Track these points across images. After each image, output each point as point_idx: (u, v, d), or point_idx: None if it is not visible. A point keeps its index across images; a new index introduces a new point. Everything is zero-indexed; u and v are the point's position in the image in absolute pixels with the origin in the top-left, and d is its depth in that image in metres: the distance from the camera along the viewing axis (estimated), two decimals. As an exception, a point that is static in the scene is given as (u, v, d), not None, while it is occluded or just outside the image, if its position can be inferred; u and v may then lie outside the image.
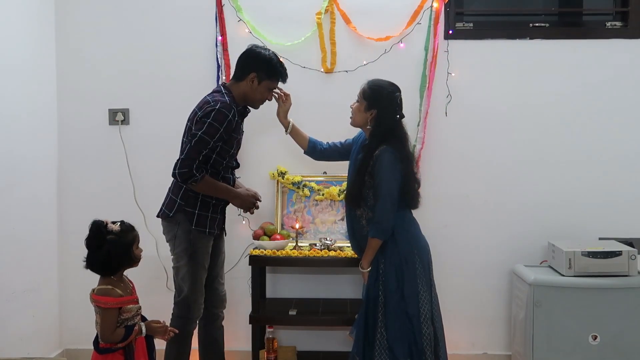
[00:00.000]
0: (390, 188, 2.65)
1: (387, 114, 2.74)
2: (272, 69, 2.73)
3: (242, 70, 2.74)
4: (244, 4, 3.41)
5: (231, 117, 2.62)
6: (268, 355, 3.26)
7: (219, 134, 2.60)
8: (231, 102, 2.68)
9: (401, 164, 2.68)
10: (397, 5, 3.38)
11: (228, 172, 2.82)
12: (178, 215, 2.72)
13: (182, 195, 2.71)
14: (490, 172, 3.43)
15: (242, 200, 2.80)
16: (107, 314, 2.21)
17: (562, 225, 3.40)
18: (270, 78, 2.75)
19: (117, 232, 2.25)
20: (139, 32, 3.46)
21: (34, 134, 3.29)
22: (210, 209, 2.76)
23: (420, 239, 2.77)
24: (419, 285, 2.68)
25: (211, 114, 2.59)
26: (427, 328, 2.66)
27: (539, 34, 3.42)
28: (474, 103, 3.41)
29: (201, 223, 2.72)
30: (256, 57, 2.74)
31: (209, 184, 2.67)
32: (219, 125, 2.59)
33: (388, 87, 2.78)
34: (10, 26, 3.08)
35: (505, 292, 3.45)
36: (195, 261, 2.74)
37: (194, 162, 2.58)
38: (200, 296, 2.80)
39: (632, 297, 3.01)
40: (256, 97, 2.77)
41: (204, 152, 2.59)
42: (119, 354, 2.24)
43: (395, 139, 2.72)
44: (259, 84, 2.73)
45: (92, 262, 2.25)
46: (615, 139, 3.40)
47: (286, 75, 2.80)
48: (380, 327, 2.67)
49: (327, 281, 3.49)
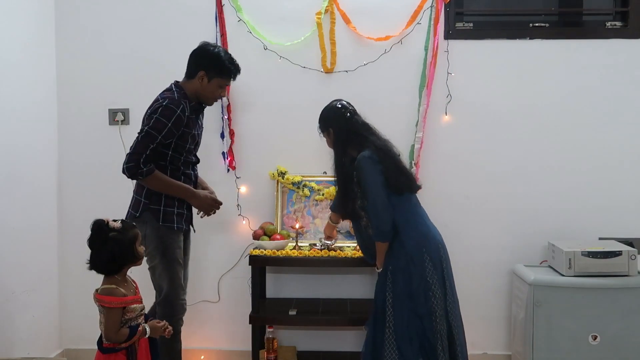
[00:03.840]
0: (375, 190, 2.66)
1: (340, 122, 2.80)
2: (220, 67, 2.74)
3: (192, 68, 2.76)
4: (244, 3, 3.41)
5: (179, 112, 2.64)
6: (268, 355, 3.26)
7: (167, 128, 2.62)
8: (180, 98, 2.70)
9: (380, 163, 2.68)
10: (397, 5, 3.38)
11: (188, 168, 2.82)
12: (145, 215, 2.72)
13: (146, 194, 2.73)
14: (490, 172, 3.43)
15: (199, 201, 2.81)
16: (111, 314, 2.21)
17: (562, 225, 3.40)
18: (220, 75, 2.75)
19: (119, 229, 2.25)
20: (139, 32, 3.46)
21: (34, 134, 3.29)
22: (175, 204, 2.76)
23: (430, 237, 2.71)
24: (429, 283, 2.64)
25: (158, 110, 2.63)
26: (440, 326, 2.62)
27: (539, 34, 3.42)
28: (474, 103, 3.41)
29: (168, 219, 2.72)
30: (205, 55, 2.75)
31: (160, 179, 2.67)
32: (166, 120, 2.62)
33: (328, 105, 2.89)
34: (10, 26, 3.08)
35: (505, 292, 3.45)
36: (169, 257, 2.73)
37: (141, 156, 2.61)
38: (181, 291, 2.80)
39: (632, 297, 3.01)
40: (207, 95, 2.78)
41: (152, 146, 2.62)
42: (122, 354, 2.24)
43: (361, 137, 2.76)
44: (208, 82, 2.74)
45: (96, 262, 2.25)
46: (615, 138, 3.40)
47: (236, 73, 2.80)
48: (388, 328, 2.65)
49: (327, 281, 3.49)
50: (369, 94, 3.39)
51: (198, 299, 3.52)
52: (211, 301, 3.53)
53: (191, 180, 2.84)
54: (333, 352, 3.49)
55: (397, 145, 2.99)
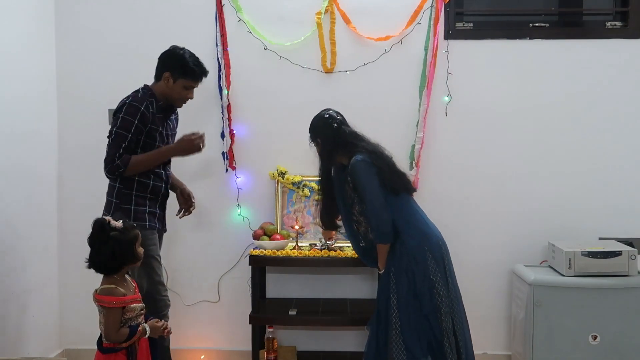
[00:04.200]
0: (372, 192, 2.66)
1: (327, 132, 2.82)
2: (184, 68, 2.77)
3: (159, 70, 2.82)
4: (244, 3, 3.41)
5: (143, 109, 2.69)
6: (268, 355, 3.26)
7: (134, 126, 2.67)
8: (144, 96, 2.75)
9: (374, 165, 2.69)
10: (397, 5, 3.38)
11: (158, 168, 2.83)
12: (116, 215, 2.70)
13: (117, 194, 2.75)
14: (490, 172, 3.43)
15: (181, 146, 2.80)
16: (111, 314, 2.21)
17: (562, 225, 3.40)
18: (184, 76, 2.78)
19: (120, 229, 2.26)
20: (139, 32, 3.46)
21: (34, 134, 3.29)
22: (147, 203, 2.78)
23: (430, 235, 2.71)
24: (433, 281, 2.64)
25: (122, 108, 2.69)
26: (446, 323, 2.62)
27: (539, 34, 3.42)
28: (473, 103, 3.41)
29: (139, 217, 2.74)
30: (169, 57, 2.81)
31: (138, 161, 2.71)
32: (132, 117, 2.67)
33: (317, 114, 2.89)
34: (10, 26, 3.08)
35: (505, 292, 3.45)
36: (145, 255, 2.70)
37: (114, 156, 2.66)
38: (162, 287, 2.82)
39: (632, 297, 3.01)
40: (174, 96, 2.82)
41: (124, 145, 2.67)
42: (122, 354, 2.24)
43: (350, 144, 2.77)
44: (174, 83, 2.78)
45: (95, 261, 2.25)
46: (615, 138, 3.40)
47: (201, 74, 2.82)
48: (395, 329, 2.64)
49: (327, 281, 3.49)
50: (368, 94, 3.40)
51: (198, 299, 3.52)
52: (211, 301, 3.53)
53: (162, 179, 2.85)
54: (333, 352, 3.49)
55: (396, 145, 3.00)
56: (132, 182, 2.75)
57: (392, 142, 2.96)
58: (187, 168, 3.42)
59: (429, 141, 3.41)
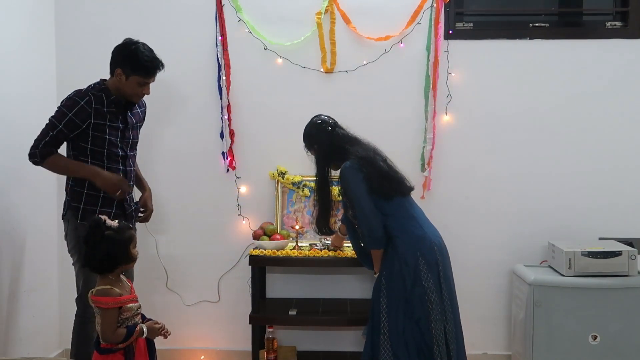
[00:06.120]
0: (361, 198, 2.66)
1: (322, 137, 2.83)
2: (135, 64, 2.66)
3: (111, 66, 2.74)
4: (244, 3, 3.41)
5: (83, 103, 2.63)
6: (268, 355, 3.26)
7: (67, 118, 2.62)
8: (89, 90, 2.69)
9: (362, 171, 2.68)
10: (397, 5, 3.38)
11: (116, 163, 2.74)
12: (68, 213, 2.72)
13: (69, 192, 2.72)
14: (490, 172, 3.43)
15: (102, 179, 2.65)
16: (108, 314, 2.21)
17: (562, 225, 3.40)
18: (136, 73, 2.68)
19: (115, 229, 2.26)
20: (139, 32, 3.40)
21: (34, 134, 3.27)
22: (99, 202, 2.70)
23: (424, 239, 2.67)
24: (425, 287, 2.61)
25: (63, 101, 2.67)
26: (437, 330, 2.60)
27: (539, 34, 3.42)
28: (474, 103, 3.41)
29: (88, 217, 2.58)
30: (120, 53, 2.71)
31: (57, 162, 2.67)
32: (67, 110, 2.63)
33: (309, 122, 2.90)
34: (10, 26, 3.08)
35: (505, 292, 3.45)
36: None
37: (40, 142, 2.63)
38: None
39: (632, 297, 3.01)
40: (127, 92, 2.73)
41: (51, 133, 2.62)
42: (120, 355, 2.24)
43: (343, 150, 2.78)
44: (126, 79, 2.69)
45: (89, 259, 2.25)
46: (615, 139, 3.40)
47: (153, 69, 2.70)
48: (383, 334, 2.64)
49: (327, 281, 3.49)
50: (368, 94, 3.39)
51: (198, 299, 3.52)
52: (211, 301, 3.53)
53: (122, 175, 2.76)
54: (333, 352, 3.49)
55: (397, 143, 2.98)
56: (84, 179, 2.68)
57: (394, 142, 2.97)
58: (187, 168, 3.43)
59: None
